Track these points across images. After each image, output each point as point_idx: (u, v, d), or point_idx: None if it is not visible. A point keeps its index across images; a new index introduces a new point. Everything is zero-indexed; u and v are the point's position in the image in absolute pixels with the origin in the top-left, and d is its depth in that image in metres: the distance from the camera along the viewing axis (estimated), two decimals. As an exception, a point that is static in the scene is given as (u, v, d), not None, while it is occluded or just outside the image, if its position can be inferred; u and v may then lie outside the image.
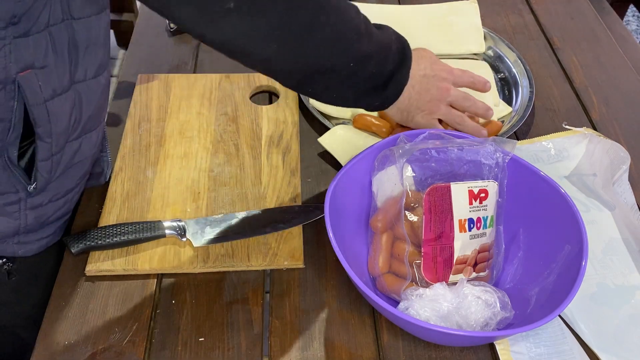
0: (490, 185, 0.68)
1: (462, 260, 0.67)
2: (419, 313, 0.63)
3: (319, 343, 0.67)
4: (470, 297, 0.63)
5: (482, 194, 0.68)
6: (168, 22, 1.11)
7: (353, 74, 0.68)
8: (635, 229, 0.77)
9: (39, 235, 0.71)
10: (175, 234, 0.74)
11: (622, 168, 0.83)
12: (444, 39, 1.07)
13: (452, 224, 0.67)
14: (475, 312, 0.63)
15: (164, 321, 0.69)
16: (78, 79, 0.65)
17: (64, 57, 0.61)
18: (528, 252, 0.71)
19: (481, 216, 0.68)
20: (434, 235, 0.66)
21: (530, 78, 0.98)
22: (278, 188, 0.82)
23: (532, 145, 0.89)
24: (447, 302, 0.63)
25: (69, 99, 0.64)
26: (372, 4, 1.14)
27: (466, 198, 0.67)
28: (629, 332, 0.69)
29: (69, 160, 0.69)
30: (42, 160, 0.64)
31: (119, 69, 2.36)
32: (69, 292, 0.71)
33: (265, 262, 0.73)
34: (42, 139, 0.62)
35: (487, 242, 0.69)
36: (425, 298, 0.64)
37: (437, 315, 0.63)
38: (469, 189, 0.67)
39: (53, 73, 0.60)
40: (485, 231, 0.68)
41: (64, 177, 0.69)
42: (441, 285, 0.65)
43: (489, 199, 0.68)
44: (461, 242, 0.67)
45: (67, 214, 0.75)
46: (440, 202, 0.66)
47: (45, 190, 0.67)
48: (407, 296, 0.65)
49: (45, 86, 0.60)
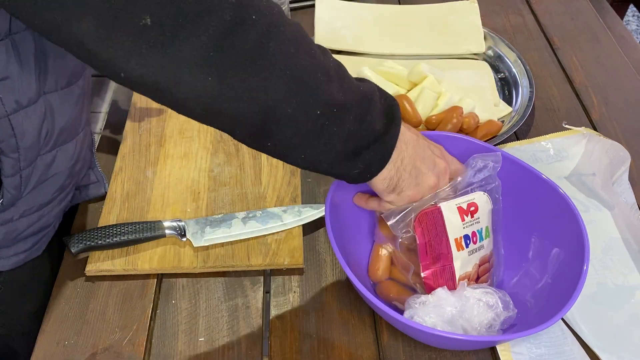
0: (477, 197, 0.66)
1: (464, 277, 0.66)
2: (425, 320, 0.62)
3: (319, 343, 0.67)
4: (472, 300, 0.63)
5: (472, 207, 0.66)
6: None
7: (323, 128, 0.53)
8: (635, 228, 0.77)
9: (12, 251, 0.67)
10: (175, 234, 0.74)
11: (621, 168, 0.83)
12: (444, 39, 1.07)
13: (449, 245, 0.65)
14: (478, 315, 0.62)
15: (164, 321, 0.69)
16: (48, 89, 0.59)
17: (29, 66, 0.56)
18: (528, 254, 0.71)
19: (475, 230, 0.66)
20: (430, 260, 0.65)
21: (530, 78, 0.98)
22: (278, 188, 0.82)
23: (531, 146, 0.88)
24: (450, 307, 0.63)
25: (37, 112, 0.58)
26: (372, 4, 1.15)
27: (457, 216, 0.65)
28: (629, 332, 0.69)
29: (42, 174, 0.64)
30: (8, 177, 0.59)
31: (118, 69, 2.35)
32: (69, 292, 0.71)
33: (265, 262, 0.73)
34: (6, 154, 0.58)
35: (486, 253, 0.68)
36: (429, 305, 0.63)
37: (442, 320, 0.62)
38: (457, 206, 0.65)
39: (16, 84, 0.55)
40: (483, 243, 0.67)
41: (37, 191, 0.64)
42: (443, 290, 0.64)
43: (480, 211, 0.67)
44: (460, 260, 0.66)
45: (45, 228, 0.70)
46: (433, 226, 0.64)
47: (14, 206, 0.62)
48: (411, 304, 0.64)
49: (7, 99, 0.55)
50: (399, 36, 1.08)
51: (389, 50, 1.05)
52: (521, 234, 0.72)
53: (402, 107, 0.88)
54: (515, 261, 0.72)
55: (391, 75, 0.95)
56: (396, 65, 0.98)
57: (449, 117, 0.86)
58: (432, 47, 1.06)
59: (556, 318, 0.59)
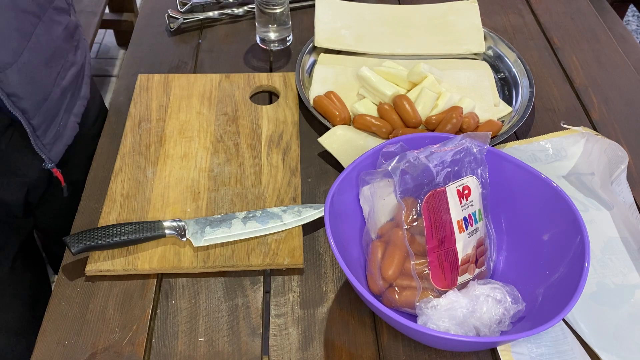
0: (469, 181, 0.69)
1: (466, 259, 0.68)
2: (438, 325, 0.62)
3: (319, 343, 0.68)
4: (482, 297, 0.64)
5: (466, 190, 0.68)
6: (168, 22, 1.11)
7: None
8: (633, 228, 0.77)
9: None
10: (175, 234, 0.74)
11: (620, 167, 0.83)
12: (444, 39, 1.07)
13: (452, 227, 0.67)
14: (488, 311, 0.63)
15: (164, 321, 0.69)
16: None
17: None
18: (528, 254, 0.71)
19: (471, 212, 0.69)
20: (436, 242, 0.66)
21: (530, 78, 0.98)
22: (278, 188, 0.82)
23: (530, 145, 0.89)
24: (462, 308, 0.63)
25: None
26: (372, 4, 1.15)
27: (457, 198, 0.67)
28: (629, 331, 0.69)
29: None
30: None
31: (119, 69, 2.36)
32: (69, 292, 0.71)
33: (265, 261, 0.73)
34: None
35: (482, 235, 0.70)
36: (441, 308, 0.63)
37: (454, 323, 0.63)
38: (456, 189, 0.68)
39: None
40: (477, 226, 0.69)
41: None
42: (453, 292, 0.65)
43: (473, 194, 0.69)
44: (462, 242, 0.67)
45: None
46: (438, 208, 0.67)
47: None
48: (422, 310, 0.64)
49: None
50: (399, 36, 1.08)
51: (389, 50, 1.05)
52: (521, 234, 0.73)
53: (402, 107, 0.89)
54: (516, 261, 0.73)
55: (391, 75, 0.95)
56: (396, 65, 0.98)
57: (448, 117, 0.86)
58: (432, 47, 1.06)
59: (557, 318, 0.59)
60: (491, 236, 0.73)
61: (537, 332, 0.58)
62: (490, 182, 0.71)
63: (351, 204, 0.72)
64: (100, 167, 0.85)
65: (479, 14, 1.10)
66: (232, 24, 1.14)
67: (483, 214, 0.70)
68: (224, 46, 1.08)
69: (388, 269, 0.67)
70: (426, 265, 0.66)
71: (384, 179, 0.69)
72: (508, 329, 0.64)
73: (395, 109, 0.90)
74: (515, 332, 0.63)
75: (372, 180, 0.70)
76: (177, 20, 1.11)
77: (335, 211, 0.67)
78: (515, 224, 0.73)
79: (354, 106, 0.92)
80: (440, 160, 0.68)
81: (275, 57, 1.07)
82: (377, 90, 0.93)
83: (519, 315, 0.65)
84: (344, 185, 0.70)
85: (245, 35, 1.11)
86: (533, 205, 0.71)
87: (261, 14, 1.03)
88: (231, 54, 1.06)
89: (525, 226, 0.72)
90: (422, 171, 0.68)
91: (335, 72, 0.99)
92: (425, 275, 0.66)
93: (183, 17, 1.11)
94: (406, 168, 0.67)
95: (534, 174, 0.71)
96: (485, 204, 0.71)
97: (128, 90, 0.97)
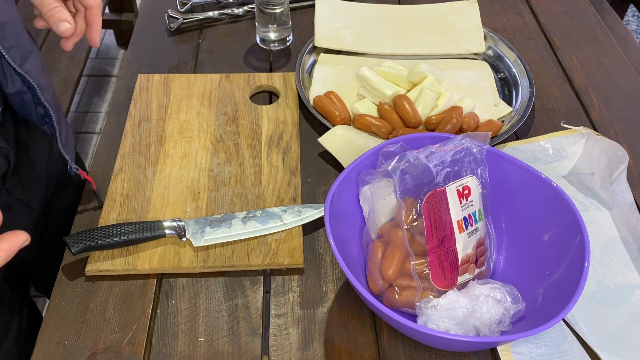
0: (470, 181, 0.69)
1: (466, 259, 0.68)
2: (438, 325, 0.62)
3: (319, 343, 0.68)
4: (481, 297, 0.64)
5: (466, 190, 0.69)
6: (168, 22, 1.11)
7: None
8: (633, 228, 0.77)
9: None
10: (175, 233, 0.74)
11: (620, 167, 0.83)
12: (444, 39, 1.07)
13: (452, 227, 0.67)
14: (488, 311, 0.63)
15: (164, 321, 0.69)
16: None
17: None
18: (528, 254, 0.71)
19: (471, 212, 0.69)
20: (436, 242, 0.67)
21: (530, 78, 0.98)
22: (278, 188, 0.82)
23: (530, 145, 0.89)
24: (462, 308, 0.63)
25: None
26: (372, 4, 1.15)
27: (456, 198, 0.68)
28: (629, 331, 0.69)
29: None
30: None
31: (119, 69, 2.36)
32: (69, 292, 0.71)
33: (265, 261, 0.73)
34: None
35: (482, 235, 0.70)
36: (441, 308, 0.63)
37: (454, 323, 0.63)
38: (456, 189, 0.68)
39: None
40: (477, 225, 0.69)
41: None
42: (453, 292, 0.65)
43: (473, 194, 0.69)
44: (462, 242, 0.67)
45: None
46: (438, 208, 0.67)
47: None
48: (422, 310, 0.64)
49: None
50: (399, 36, 1.08)
51: (389, 50, 1.05)
52: (521, 234, 0.73)
53: (402, 107, 0.89)
54: (516, 261, 0.72)
55: (391, 75, 0.95)
56: (396, 65, 0.98)
57: (448, 117, 0.86)
58: (432, 47, 1.06)
59: (557, 318, 0.59)
60: (491, 236, 0.73)
61: (537, 332, 0.58)
62: (490, 182, 0.71)
63: (351, 204, 0.72)
64: (100, 167, 0.85)
65: (479, 14, 1.10)
66: (232, 24, 1.14)
67: (483, 214, 0.71)
68: (224, 46, 1.08)
69: (388, 269, 0.67)
70: (426, 265, 0.66)
71: (384, 179, 0.69)
72: (508, 329, 0.64)
73: (395, 109, 0.90)
74: (515, 332, 0.63)
75: (372, 180, 0.70)
76: (177, 20, 1.11)
77: (335, 211, 0.67)
78: (515, 224, 0.73)
79: (354, 106, 0.92)
80: (440, 160, 0.68)
81: (275, 57, 1.07)
82: (377, 90, 0.93)
83: (519, 315, 0.65)
84: (344, 185, 0.70)
85: (245, 35, 1.11)
86: (533, 205, 0.71)
87: (261, 14, 1.03)
88: (231, 54, 1.06)
89: (525, 226, 0.72)
90: (422, 171, 0.68)
91: (335, 72, 0.99)
92: (425, 275, 0.66)
93: (183, 17, 1.11)
94: (406, 168, 0.67)
95: (534, 174, 0.71)
96: (485, 204, 0.72)
97: (128, 90, 0.97)
